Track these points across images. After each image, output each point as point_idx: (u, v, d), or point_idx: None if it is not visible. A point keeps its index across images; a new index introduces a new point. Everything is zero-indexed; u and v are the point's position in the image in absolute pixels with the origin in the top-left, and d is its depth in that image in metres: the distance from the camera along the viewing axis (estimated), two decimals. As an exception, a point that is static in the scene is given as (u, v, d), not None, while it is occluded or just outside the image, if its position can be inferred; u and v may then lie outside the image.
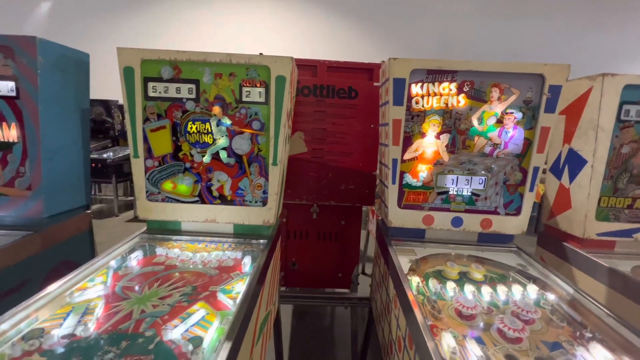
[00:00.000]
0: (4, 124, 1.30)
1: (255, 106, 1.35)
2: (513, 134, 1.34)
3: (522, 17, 7.12)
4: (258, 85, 1.34)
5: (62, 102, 1.38)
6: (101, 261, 1.17)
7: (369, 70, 1.92)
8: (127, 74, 1.30)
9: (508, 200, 1.41)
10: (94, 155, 4.47)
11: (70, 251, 1.51)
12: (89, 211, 1.62)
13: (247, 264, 1.24)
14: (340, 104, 1.91)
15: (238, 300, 1.00)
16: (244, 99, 1.35)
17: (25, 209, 1.34)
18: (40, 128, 1.28)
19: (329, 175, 1.97)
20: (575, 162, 1.48)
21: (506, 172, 1.38)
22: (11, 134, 1.31)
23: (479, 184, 1.40)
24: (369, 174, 1.98)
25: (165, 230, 1.46)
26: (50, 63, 1.28)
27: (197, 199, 1.42)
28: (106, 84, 4.85)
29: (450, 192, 1.42)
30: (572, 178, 1.50)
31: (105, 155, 4.54)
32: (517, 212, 1.41)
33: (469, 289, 1.12)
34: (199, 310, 0.94)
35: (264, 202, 1.43)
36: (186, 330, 0.86)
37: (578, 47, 7.15)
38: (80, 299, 1.00)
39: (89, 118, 1.57)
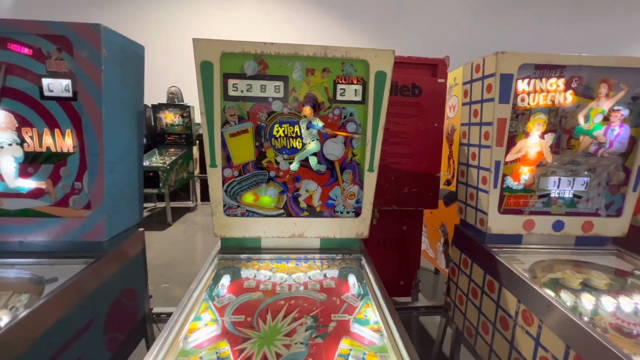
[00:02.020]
0: (57, 131, 1.07)
1: (350, 106, 1.20)
2: (619, 132, 1.28)
3: (507, 13, 7.31)
4: (354, 82, 1.19)
5: (121, 104, 1.17)
6: (195, 293, 0.99)
7: (433, 66, 1.81)
8: (205, 69, 1.11)
9: (609, 202, 1.35)
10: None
11: (128, 277, 1.30)
12: (142, 229, 1.40)
13: (354, 284, 1.10)
14: (404, 102, 1.79)
15: (385, 333, 0.86)
16: (338, 97, 1.19)
17: (83, 232, 1.12)
18: (104, 135, 1.06)
19: (392, 179, 1.84)
20: (664, 160, 1.45)
21: (609, 172, 1.32)
22: (65, 142, 1.08)
23: (582, 185, 1.33)
24: (432, 175, 1.87)
25: (243, 248, 1.28)
26: (112, 57, 1.07)
27: (282, 211, 1.26)
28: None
29: (552, 195, 1.34)
30: (660, 175, 1.47)
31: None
32: (618, 213, 1.35)
33: (606, 300, 1.04)
34: (353, 351, 0.80)
35: (357, 213, 1.28)
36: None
37: (564, 42, 7.44)
38: (195, 343, 0.82)
39: (143, 121, 1.36)
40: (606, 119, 1.27)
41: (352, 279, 1.13)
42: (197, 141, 5.85)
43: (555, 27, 7.46)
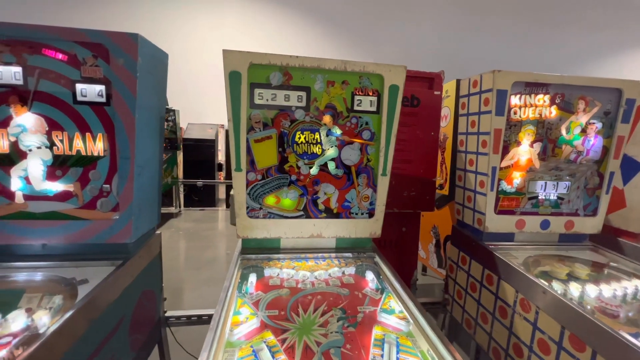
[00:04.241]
0: (88, 135, 1.09)
1: (366, 115, 1.31)
2: (594, 142, 1.48)
3: (476, 31, 7.87)
4: (370, 94, 1.30)
5: (149, 110, 1.21)
6: (229, 290, 1.04)
7: (430, 79, 1.96)
8: (233, 79, 1.18)
9: (587, 203, 1.54)
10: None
11: (148, 279, 1.31)
12: (159, 232, 1.42)
13: (373, 280, 1.20)
14: (403, 112, 1.91)
15: (410, 320, 0.96)
16: (355, 107, 1.30)
17: (110, 233, 1.14)
18: (136, 140, 1.10)
19: (392, 183, 1.96)
20: (629, 166, 1.67)
21: (586, 177, 1.51)
22: (96, 146, 1.10)
23: (564, 188, 1.51)
24: (428, 180, 2.02)
25: (264, 248, 1.34)
26: (145, 65, 1.11)
27: (301, 213, 1.33)
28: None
29: (539, 197, 1.51)
30: (626, 180, 1.69)
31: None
32: (594, 213, 1.55)
33: (590, 287, 1.20)
34: (386, 336, 0.89)
35: (371, 214, 1.39)
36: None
37: (524, 58, 8.08)
38: (239, 336, 0.88)
39: (164, 126, 1.39)
40: (584, 130, 1.46)
41: (369, 275, 1.22)
42: (181, 145, 5.76)
43: (523, 44, 8.10)
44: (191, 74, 6.37)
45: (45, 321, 0.86)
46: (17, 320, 0.85)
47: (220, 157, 6.64)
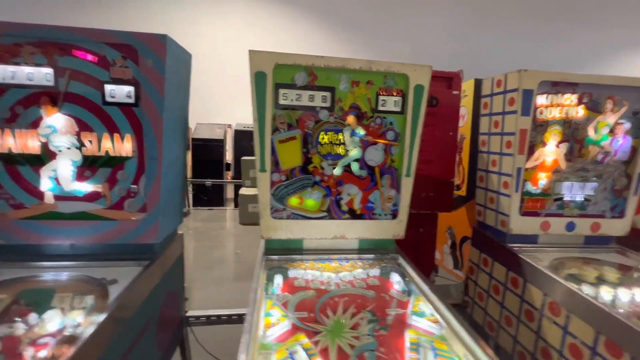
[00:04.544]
0: (116, 135, 1.10)
1: (390, 116, 1.30)
2: (623, 143, 1.44)
3: (484, 28, 7.80)
4: (395, 94, 1.29)
5: (175, 110, 1.21)
6: (258, 291, 1.04)
7: (449, 79, 1.94)
8: (259, 79, 1.18)
9: (614, 204, 1.51)
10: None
11: (172, 279, 1.32)
12: (181, 232, 1.43)
13: (399, 282, 1.18)
14: (422, 111, 1.91)
15: (443, 322, 0.95)
16: (380, 108, 1.29)
17: (137, 234, 1.14)
18: (163, 140, 1.10)
19: (410, 183, 1.95)
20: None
21: (614, 178, 1.48)
22: (124, 147, 1.11)
23: (591, 189, 1.48)
24: (447, 181, 1.99)
25: (287, 249, 1.34)
26: (172, 65, 1.11)
27: (325, 214, 1.33)
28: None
29: (565, 198, 1.48)
30: (652, 181, 1.65)
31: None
32: (621, 214, 1.51)
33: (622, 291, 1.18)
34: (421, 339, 0.87)
35: (394, 215, 1.37)
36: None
37: (532, 55, 7.98)
38: (272, 338, 0.87)
39: (187, 126, 1.39)
40: (612, 131, 1.43)
41: (394, 277, 1.21)
42: (190, 145, 5.78)
43: (533, 42, 8.00)
44: (200, 74, 6.40)
45: (80, 322, 0.86)
46: (52, 321, 0.85)
47: (229, 157, 6.66)
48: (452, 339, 0.90)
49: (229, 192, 6.85)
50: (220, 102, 6.60)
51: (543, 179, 1.45)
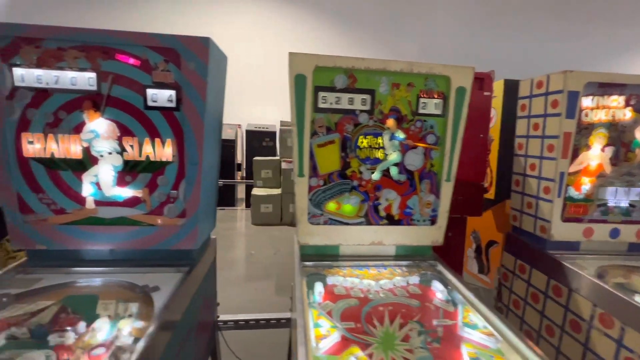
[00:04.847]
0: (158, 140, 1.08)
1: (431, 119, 1.26)
2: (671, 146, 1.38)
3: (496, 27, 7.67)
4: (435, 97, 1.25)
5: (214, 114, 1.19)
6: (303, 300, 1.01)
7: (480, 79, 1.89)
8: (299, 82, 1.15)
9: (660, 210, 1.45)
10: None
11: (208, 285, 1.31)
12: (215, 237, 1.41)
13: (442, 290, 1.15)
14: (452, 113, 1.86)
15: (499, 336, 0.91)
16: (420, 111, 1.25)
17: (177, 239, 1.13)
18: (204, 145, 1.09)
19: (439, 187, 1.91)
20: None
21: (661, 183, 1.42)
22: (165, 152, 1.09)
23: (636, 195, 1.42)
24: (477, 184, 1.95)
25: (323, 255, 1.31)
26: (213, 68, 1.09)
27: (362, 219, 1.30)
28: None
29: (609, 204, 1.43)
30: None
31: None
32: (668, 221, 1.45)
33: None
34: (479, 354, 0.84)
35: (433, 221, 1.34)
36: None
37: (546, 55, 7.82)
38: (324, 350, 0.84)
39: (221, 130, 1.37)
40: (660, 133, 1.37)
41: (436, 285, 1.17)
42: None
43: (543, 40, 7.84)
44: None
45: (129, 331, 0.85)
46: (102, 330, 0.84)
47: (239, 157, 6.68)
48: (510, 353, 0.86)
49: (240, 192, 6.88)
50: (231, 103, 6.61)
51: (586, 184, 1.40)
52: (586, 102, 1.33)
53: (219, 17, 6.79)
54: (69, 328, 0.83)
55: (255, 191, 5.12)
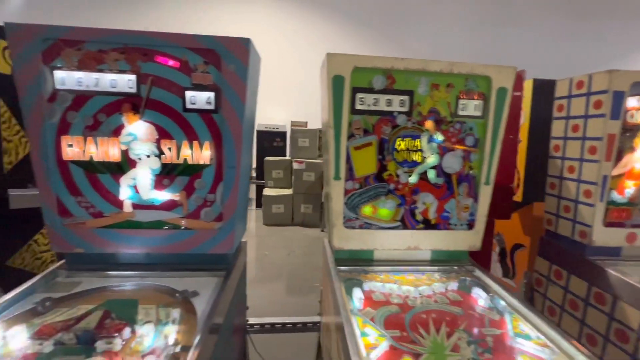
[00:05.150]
0: (196, 143, 1.07)
1: (470, 121, 1.23)
2: None
3: (507, 25, 7.54)
4: (475, 98, 1.21)
5: (249, 116, 1.17)
6: (345, 307, 0.99)
7: (510, 80, 1.84)
8: (336, 83, 1.13)
9: None
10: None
11: (241, 289, 1.29)
12: (245, 240, 1.40)
13: (484, 297, 1.11)
14: (481, 114, 1.82)
15: (555, 348, 0.87)
16: (459, 112, 1.22)
17: (213, 244, 1.11)
18: (242, 148, 1.07)
19: (468, 189, 1.87)
20: None
21: None
22: (203, 155, 1.08)
23: (682, 199, 1.36)
24: (506, 186, 1.90)
25: (357, 260, 1.28)
26: (251, 70, 1.08)
27: (398, 223, 1.27)
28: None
29: (654, 208, 1.37)
30: None
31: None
32: None
33: None
34: (538, 366, 0.81)
35: (470, 225, 1.30)
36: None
37: (558, 53, 7.66)
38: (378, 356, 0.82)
39: (254, 132, 1.36)
40: None
41: (477, 292, 1.14)
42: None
43: (553, 40, 7.69)
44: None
45: (175, 338, 0.83)
46: (148, 335, 0.83)
47: (250, 158, 6.68)
48: (569, 366, 0.83)
49: (251, 193, 6.89)
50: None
51: (630, 187, 1.34)
52: (631, 102, 1.28)
53: (228, 16, 6.81)
54: (115, 334, 0.82)
55: (267, 191, 5.12)
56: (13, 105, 1.50)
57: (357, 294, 1.09)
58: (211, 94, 1.04)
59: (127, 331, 0.84)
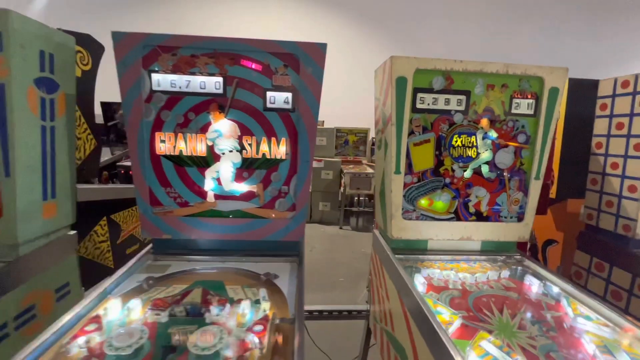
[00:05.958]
0: (274, 139, 1.17)
1: (523, 119, 1.30)
2: None
3: (520, 22, 7.49)
4: (528, 97, 1.29)
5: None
6: (419, 291, 1.08)
7: (549, 79, 1.90)
8: (400, 84, 1.21)
9: None
10: (126, 163, 4.16)
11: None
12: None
13: (537, 284, 1.19)
14: (520, 112, 1.89)
15: (615, 327, 0.94)
16: (513, 111, 1.29)
17: (286, 232, 1.22)
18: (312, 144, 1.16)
19: (505, 185, 1.93)
20: None
21: None
22: (279, 150, 1.18)
23: None
24: (543, 183, 1.96)
25: (411, 249, 1.37)
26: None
27: (452, 215, 1.35)
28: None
29: (697, 203, 1.42)
30: None
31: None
32: None
33: None
34: (605, 342, 0.88)
35: (519, 218, 1.38)
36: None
37: (571, 51, 7.58)
38: (456, 335, 0.91)
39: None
40: None
41: (530, 279, 1.22)
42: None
43: (570, 39, 7.61)
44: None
45: (274, 312, 0.93)
46: (247, 309, 0.93)
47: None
48: (635, 344, 0.90)
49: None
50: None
51: (675, 183, 1.40)
52: (678, 101, 1.34)
53: (237, 14, 6.94)
54: (221, 306, 0.92)
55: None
56: (82, 104, 1.63)
57: (420, 279, 1.18)
58: (289, 94, 1.14)
59: (227, 306, 0.94)
